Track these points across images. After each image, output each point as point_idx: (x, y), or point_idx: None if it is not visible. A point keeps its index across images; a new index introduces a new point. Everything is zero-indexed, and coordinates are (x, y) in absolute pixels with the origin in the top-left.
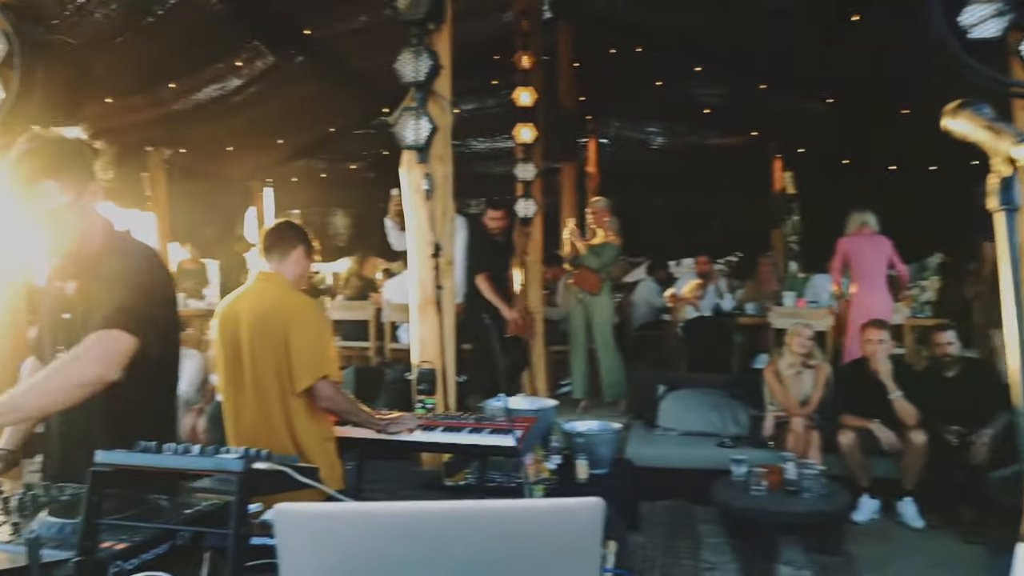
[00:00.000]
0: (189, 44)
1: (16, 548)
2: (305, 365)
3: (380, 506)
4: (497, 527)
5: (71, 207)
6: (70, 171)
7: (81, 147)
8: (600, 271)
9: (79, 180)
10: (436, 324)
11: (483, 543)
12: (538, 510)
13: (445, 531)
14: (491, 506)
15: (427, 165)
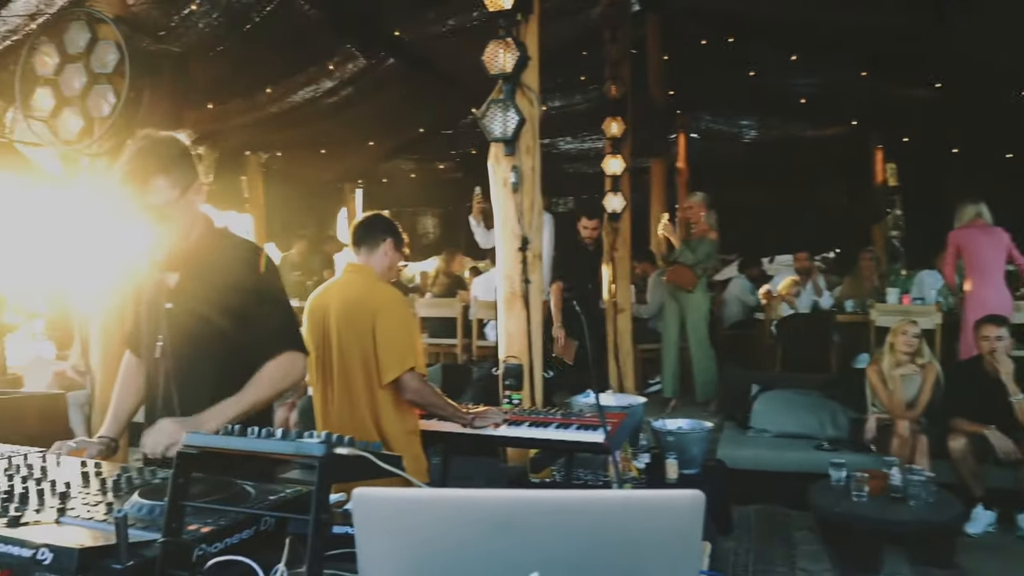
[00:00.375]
0: (284, 50)
1: (108, 527)
2: (392, 357)
3: (462, 493)
4: (587, 519)
5: (177, 203)
6: (178, 169)
7: (187, 148)
8: (695, 267)
9: (185, 178)
10: (523, 319)
11: (572, 535)
12: (632, 502)
13: (531, 521)
14: (581, 496)
15: (514, 158)
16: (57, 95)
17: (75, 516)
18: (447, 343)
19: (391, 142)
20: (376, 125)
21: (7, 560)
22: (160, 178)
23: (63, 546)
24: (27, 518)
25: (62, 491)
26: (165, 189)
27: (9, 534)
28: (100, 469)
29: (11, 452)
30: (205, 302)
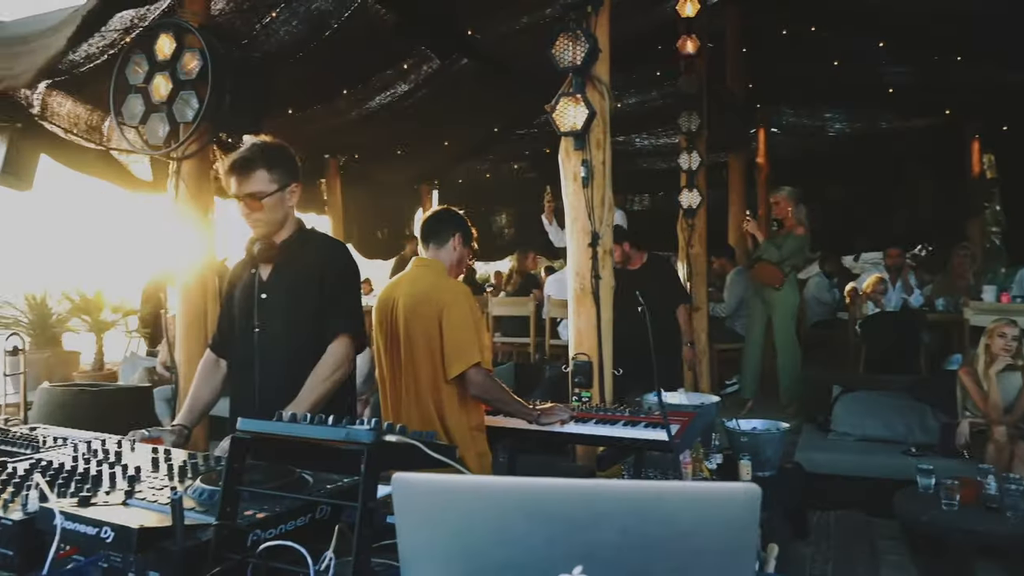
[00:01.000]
0: (361, 54)
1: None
2: (457, 352)
3: (504, 480)
4: (636, 510)
5: (273, 197)
6: (280, 168)
7: (293, 155)
8: (782, 264)
9: (285, 177)
10: (593, 316)
11: (620, 527)
12: (684, 493)
13: (576, 511)
14: (630, 486)
15: (585, 152)
16: (146, 102)
17: (141, 499)
18: (520, 342)
19: (466, 142)
20: (451, 125)
21: (75, 537)
22: (262, 171)
23: (124, 526)
24: (97, 499)
25: (132, 475)
26: (265, 182)
27: (78, 513)
28: (170, 456)
29: (92, 438)
30: (294, 294)
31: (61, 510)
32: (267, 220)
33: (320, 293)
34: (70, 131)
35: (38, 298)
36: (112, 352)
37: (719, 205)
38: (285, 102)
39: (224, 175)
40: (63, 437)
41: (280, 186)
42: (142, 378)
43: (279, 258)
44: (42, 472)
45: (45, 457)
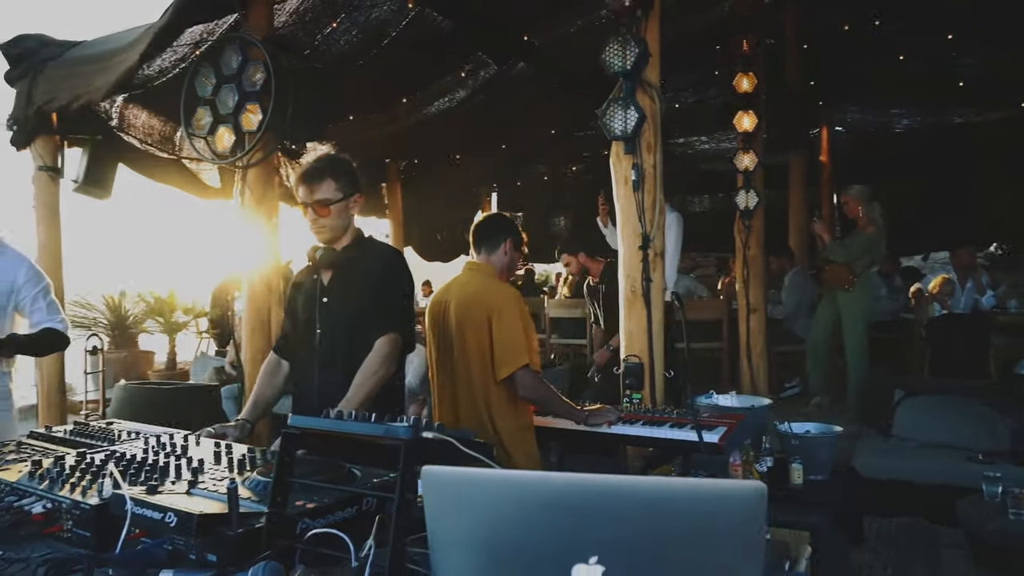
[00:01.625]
0: (419, 61)
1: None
2: (507, 353)
3: (526, 474)
4: (649, 504)
5: (340, 206)
6: (347, 178)
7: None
8: (851, 265)
9: (349, 187)
10: (643, 318)
11: (633, 520)
12: (694, 490)
13: (593, 505)
14: (643, 482)
15: (635, 155)
16: (214, 113)
17: (203, 488)
18: (577, 343)
19: (523, 145)
20: (508, 129)
21: (143, 521)
22: (330, 180)
23: (185, 512)
24: (163, 488)
25: (195, 467)
26: (332, 190)
27: (146, 499)
28: (231, 450)
29: (163, 433)
30: (353, 298)
31: (131, 496)
32: (331, 226)
33: (376, 296)
34: (145, 141)
35: (116, 300)
36: (184, 352)
37: (780, 206)
38: (346, 109)
39: (294, 183)
40: (136, 431)
41: (345, 195)
42: (211, 377)
43: (340, 264)
44: (116, 462)
45: (119, 449)
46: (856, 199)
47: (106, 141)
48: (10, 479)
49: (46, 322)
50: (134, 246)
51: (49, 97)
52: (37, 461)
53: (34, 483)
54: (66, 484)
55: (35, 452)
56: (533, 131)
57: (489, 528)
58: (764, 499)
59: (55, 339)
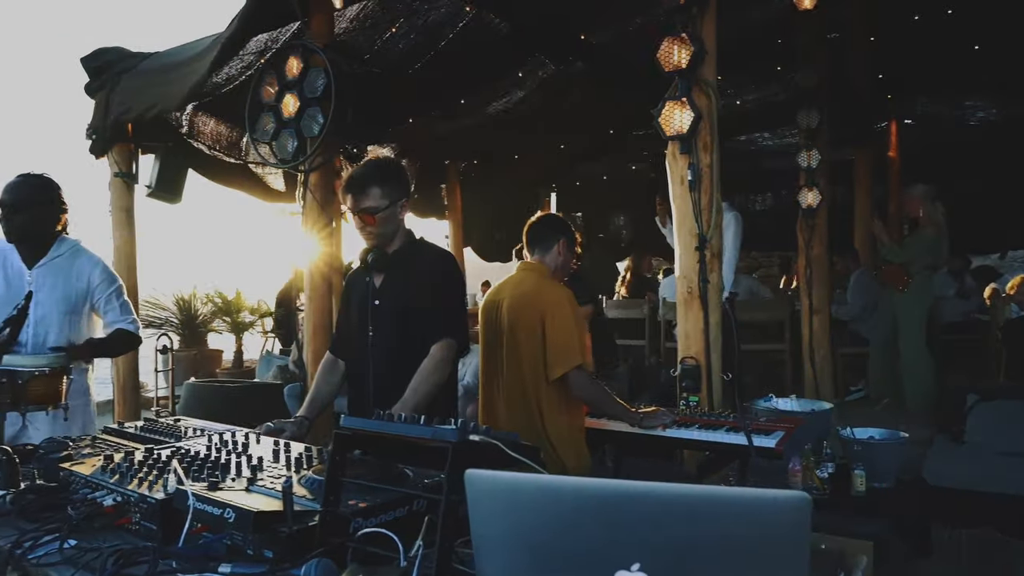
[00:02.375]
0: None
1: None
2: (560, 353)
3: (568, 480)
4: (691, 513)
5: (387, 213)
6: (392, 183)
7: (403, 170)
8: (907, 265)
9: (396, 193)
10: (700, 319)
11: (675, 529)
12: (736, 499)
13: (635, 512)
14: (686, 490)
15: (691, 155)
16: (277, 119)
17: (262, 485)
18: (636, 344)
19: (583, 145)
20: (567, 128)
21: (204, 516)
22: (375, 187)
23: (243, 509)
24: (224, 484)
25: (255, 464)
26: (377, 198)
27: (207, 495)
28: (289, 448)
29: (226, 430)
30: (404, 301)
31: (194, 492)
32: (380, 233)
33: (428, 300)
34: (213, 148)
35: (186, 300)
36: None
37: (845, 203)
38: (406, 112)
39: (341, 192)
40: (201, 428)
41: (391, 201)
42: (275, 375)
43: (391, 267)
44: (180, 459)
45: (184, 446)
46: (917, 198)
47: (177, 148)
48: (84, 472)
49: (119, 323)
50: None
51: (125, 108)
52: (109, 456)
53: (106, 477)
54: (135, 479)
55: (108, 447)
56: (591, 130)
57: (532, 533)
58: (808, 509)
59: (127, 340)
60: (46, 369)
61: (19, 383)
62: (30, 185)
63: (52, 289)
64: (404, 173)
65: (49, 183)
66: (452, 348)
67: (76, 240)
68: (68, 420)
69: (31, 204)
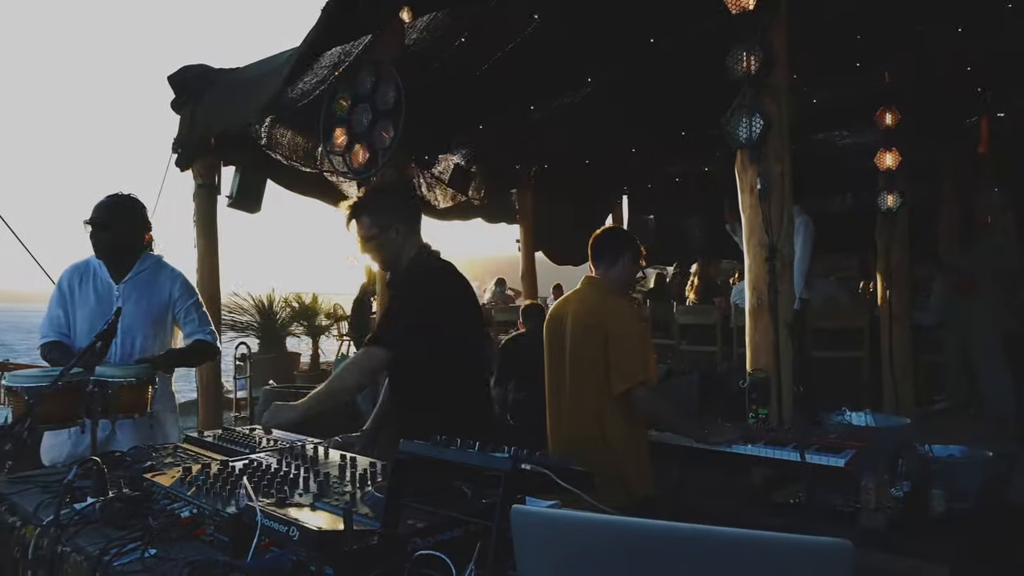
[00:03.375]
0: (545, 67)
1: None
2: (623, 369)
3: (611, 520)
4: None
5: (379, 240)
6: (381, 212)
7: (393, 198)
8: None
9: (387, 218)
10: (770, 331)
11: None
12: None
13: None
14: (726, 534)
15: (761, 164)
16: (349, 132)
17: (327, 502)
18: (707, 350)
19: (654, 147)
20: (639, 131)
21: (271, 532)
22: (365, 217)
23: (307, 527)
24: (291, 500)
25: (321, 480)
26: (367, 227)
27: (274, 512)
28: (355, 463)
29: (298, 440)
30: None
31: (261, 509)
32: (379, 259)
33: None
34: (290, 158)
35: (265, 304)
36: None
37: (929, 205)
38: (476, 118)
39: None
40: (274, 439)
41: (381, 228)
42: None
43: (395, 286)
44: (252, 473)
45: (257, 458)
46: (991, 203)
47: (256, 159)
48: (165, 484)
49: (197, 334)
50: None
51: (208, 122)
52: (187, 468)
53: (183, 489)
54: (210, 492)
55: (188, 457)
56: (664, 132)
57: (574, 570)
58: (850, 558)
59: (205, 350)
60: (134, 379)
61: (109, 393)
62: (117, 204)
63: (137, 303)
64: (395, 200)
65: (134, 202)
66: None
67: (159, 255)
68: (153, 427)
69: (118, 222)
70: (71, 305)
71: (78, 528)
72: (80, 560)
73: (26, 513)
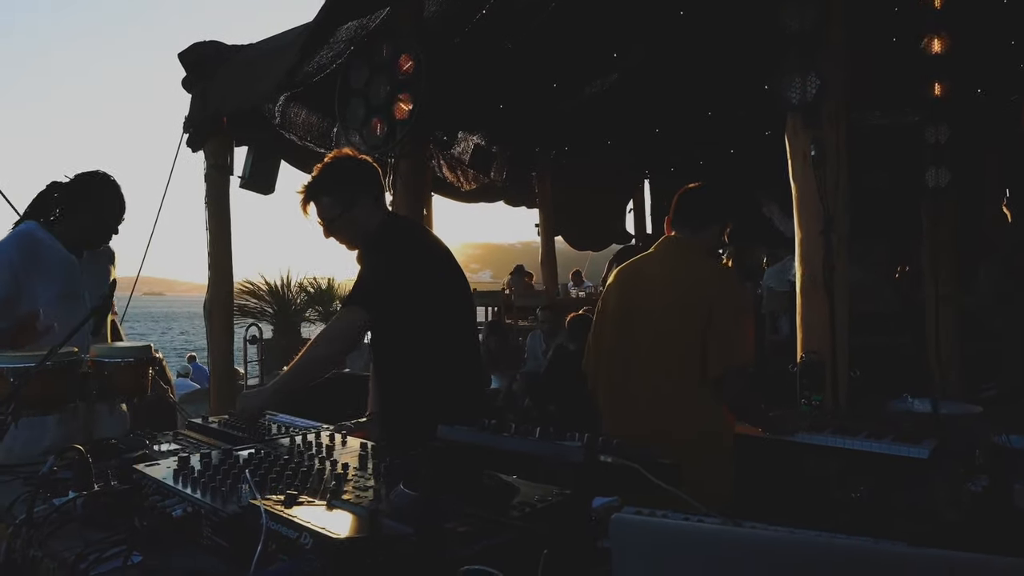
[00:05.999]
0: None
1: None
2: (723, 350)
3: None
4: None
5: (343, 220)
6: (341, 189)
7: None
8: None
9: (349, 194)
10: (825, 310)
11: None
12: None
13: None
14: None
15: (816, 129)
16: (367, 105)
17: (346, 500)
18: None
19: (678, 128)
20: (662, 112)
21: (279, 538)
22: (325, 197)
23: (323, 534)
24: (303, 498)
25: (339, 473)
26: (328, 207)
27: (282, 514)
28: (376, 453)
29: (311, 428)
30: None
31: (267, 510)
32: (346, 239)
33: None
34: (304, 138)
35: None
36: None
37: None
38: (496, 98)
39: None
40: (286, 425)
41: (344, 207)
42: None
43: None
44: (258, 464)
45: (266, 448)
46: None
47: (269, 139)
48: (157, 476)
49: None
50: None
51: (221, 100)
52: (184, 458)
53: (177, 484)
54: (208, 487)
55: (189, 444)
56: (688, 112)
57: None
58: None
59: None
60: (131, 359)
61: (105, 374)
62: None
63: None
64: (359, 171)
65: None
66: (344, 315)
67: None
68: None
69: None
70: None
71: (53, 528)
72: (53, 567)
73: (1, 509)
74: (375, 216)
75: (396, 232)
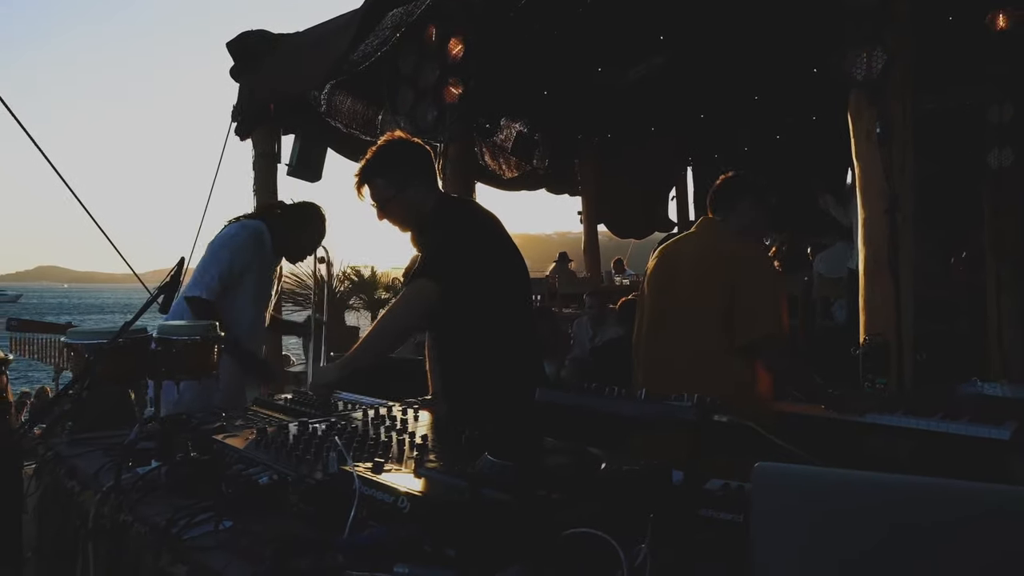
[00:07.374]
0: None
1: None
2: (750, 319)
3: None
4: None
5: (397, 202)
6: (393, 170)
7: (406, 151)
8: None
9: (402, 176)
10: (890, 291)
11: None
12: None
13: (958, 521)
14: (1006, 492)
15: (882, 105)
16: (415, 90)
17: (431, 468)
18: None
19: (724, 113)
20: (708, 97)
21: (372, 503)
22: (378, 179)
23: (423, 497)
24: (389, 466)
25: (420, 444)
26: (381, 189)
27: (376, 479)
28: (453, 425)
29: (378, 403)
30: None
31: (359, 475)
32: (400, 222)
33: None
34: (350, 126)
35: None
36: None
37: None
38: (540, 83)
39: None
40: (352, 401)
41: (397, 188)
42: (413, 351)
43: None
44: (338, 434)
45: (339, 420)
46: None
47: (315, 128)
48: (238, 446)
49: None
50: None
51: (268, 89)
52: (263, 429)
53: (260, 452)
54: (292, 455)
55: (260, 419)
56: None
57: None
58: None
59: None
60: (198, 337)
61: (173, 352)
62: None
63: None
64: (412, 153)
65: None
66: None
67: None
68: (219, 390)
69: None
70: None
71: (140, 495)
72: (144, 531)
73: (86, 477)
74: (428, 197)
75: (455, 209)
